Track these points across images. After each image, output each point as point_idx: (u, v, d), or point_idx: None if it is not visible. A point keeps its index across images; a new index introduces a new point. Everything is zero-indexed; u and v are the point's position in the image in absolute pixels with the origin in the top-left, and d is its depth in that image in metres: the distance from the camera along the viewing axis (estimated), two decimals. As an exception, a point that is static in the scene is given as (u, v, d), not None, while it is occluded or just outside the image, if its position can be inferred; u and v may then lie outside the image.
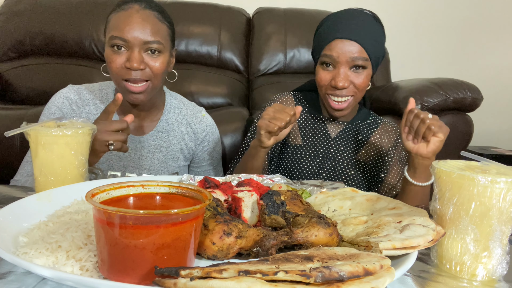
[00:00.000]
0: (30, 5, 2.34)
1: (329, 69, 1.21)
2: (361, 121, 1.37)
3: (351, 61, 1.18)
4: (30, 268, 0.49)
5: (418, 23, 2.82)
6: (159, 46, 1.13)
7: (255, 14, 2.58)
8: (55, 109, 1.24)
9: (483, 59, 2.86)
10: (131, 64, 1.09)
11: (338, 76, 1.18)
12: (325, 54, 1.21)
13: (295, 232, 0.62)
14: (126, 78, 1.12)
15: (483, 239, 0.61)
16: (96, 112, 1.27)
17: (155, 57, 1.13)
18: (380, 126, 1.37)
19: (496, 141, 2.78)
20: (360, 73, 1.20)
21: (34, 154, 0.86)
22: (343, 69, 1.19)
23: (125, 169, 1.25)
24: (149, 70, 1.13)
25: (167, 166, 1.31)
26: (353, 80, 1.20)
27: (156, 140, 1.30)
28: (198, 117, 1.37)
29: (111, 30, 1.11)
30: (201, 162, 1.40)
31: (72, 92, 1.27)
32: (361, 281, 0.46)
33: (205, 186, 0.83)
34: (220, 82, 2.38)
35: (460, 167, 0.65)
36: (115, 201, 0.57)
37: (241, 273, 0.45)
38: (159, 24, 1.14)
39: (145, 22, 1.11)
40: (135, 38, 1.09)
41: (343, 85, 1.19)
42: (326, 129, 1.34)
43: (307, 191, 0.90)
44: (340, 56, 1.18)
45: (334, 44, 1.19)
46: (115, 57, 1.11)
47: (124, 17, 1.11)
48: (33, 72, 2.27)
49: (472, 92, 1.83)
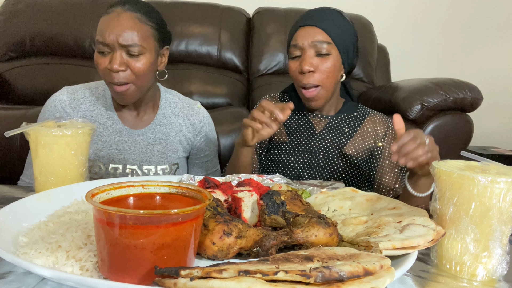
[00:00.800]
0: (30, 5, 2.34)
1: (297, 59, 1.25)
2: (347, 114, 1.37)
3: (314, 45, 1.21)
4: (30, 268, 0.49)
5: (418, 23, 2.82)
6: (138, 49, 1.15)
7: (255, 14, 2.58)
8: (48, 115, 1.27)
9: (483, 59, 2.86)
10: (111, 66, 1.13)
11: (303, 60, 1.22)
12: (291, 45, 1.25)
13: (295, 232, 0.62)
14: (109, 81, 1.17)
15: (483, 239, 0.61)
16: (92, 109, 1.29)
17: (136, 59, 1.16)
18: (367, 118, 1.36)
19: (496, 141, 2.78)
20: (325, 59, 1.22)
21: (34, 154, 0.86)
22: (308, 53, 1.22)
23: (126, 161, 1.28)
24: (129, 72, 1.16)
25: (167, 158, 1.34)
26: (318, 65, 1.22)
27: (154, 133, 1.33)
28: (195, 109, 1.41)
29: (97, 34, 1.16)
30: (199, 153, 1.43)
31: (65, 94, 1.29)
32: (361, 281, 0.46)
33: (205, 186, 0.83)
34: (220, 82, 2.38)
35: (460, 167, 0.65)
36: (115, 201, 0.57)
37: (241, 273, 0.45)
38: (138, 26, 1.15)
39: (122, 26, 1.13)
40: (113, 41, 1.13)
41: (308, 68, 1.21)
42: (311, 124, 1.35)
43: (307, 191, 0.90)
44: (304, 42, 1.22)
45: (297, 33, 1.24)
46: (100, 61, 1.16)
47: (106, 21, 1.14)
48: (33, 72, 2.27)
49: (472, 92, 1.83)
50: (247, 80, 2.51)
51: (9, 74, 2.26)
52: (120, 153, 1.28)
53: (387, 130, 1.34)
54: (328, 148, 1.30)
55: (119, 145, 1.28)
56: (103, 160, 1.26)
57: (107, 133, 1.28)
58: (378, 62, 2.56)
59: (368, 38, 2.50)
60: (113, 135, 1.28)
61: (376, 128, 1.34)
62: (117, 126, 1.29)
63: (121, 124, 1.29)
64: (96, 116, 1.28)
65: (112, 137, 1.28)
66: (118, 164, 1.27)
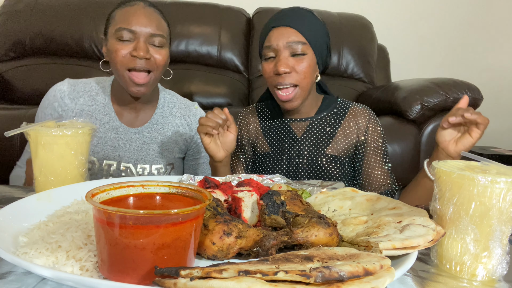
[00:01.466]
0: (30, 5, 2.34)
1: (271, 60, 1.23)
2: (327, 112, 1.33)
3: (288, 46, 1.20)
4: (30, 268, 0.49)
5: (418, 23, 2.82)
6: (162, 40, 1.20)
7: (255, 14, 2.58)
8: (47, 103, 1.29)
9: (483, 59, 2.86)
10: (138, 52, 1.15)
11: (278, 61, 1.20)
12: (265, 46, 1.23)
13: (295, 232, 0.62)
14: (130, 67, 1.17)
15: (483, 239, 0.61)
16: (91, 103, 1.30)
17: (159, 49, 1.20)
18: (348, 112, 1.33)
19: (496, 141, 2.78)
20: (300, 59, 1.21)
21: (34, 154, 0.86)
22: (283, 54, 1.20)
23: (120, 159, 1.28)
24: (153, 61, 1.19)
25: (163, 157, 1.34)
26: (294, 66, 1.20)
27: (151, 132, 1.34)
28: (192, 110, 1.42)
29: (118, 23, 1.17)
30: (196, 155, 1.43)
31: (66, 84, 1.31)
32: (361, 281, 0.46)
33: (205, 186, 0.83)
34: (220, 82, 2.38)
35: (460, 167, 0.65)
36: (115, 201, 0.57)
37: (241, 273, 0.45)
38: (161, 21, 1.22)
39: (151, 16, 1.19)
40: (142, 30, 1.16)
41: (284, 70, 1.19)
42: (291, 130, 1.32)
43: (307, 191, 0.90)
44: (278, 43, 1.20)
45: (271, 34, 1.22)
46: (120, 47, 1.17)
47: (131, 11, 1.18)
48: (33, 72, 2.27)
49: (472, 92, 1.83)
50: (247, 80, 2.51)
51: (9, 74, 2.26)
52: (115, 150, 1.28)
53: (368, 123, 1.30)
54: (311, 151, 1.28)
55: (115, 142, 1.28)
56: (98, 156, 1.26)
57: (104, 130, 1.28)
58: (378, 62, 2.57)
59: (368, 38, 2.50)
60: (109, 132, 1.28)
61: (358, 121, 1.30)
62: (114, 123, 1.29)
63: (118, 121, 1.30)
64: (94, 112, 1.29)
65: (108, 134, 1.28)
66: (113, 161, 1.27)
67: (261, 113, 1.40)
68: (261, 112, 1.40)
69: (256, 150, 1.35)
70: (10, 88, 2.24)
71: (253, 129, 1.37)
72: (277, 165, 1.29)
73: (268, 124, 1.36)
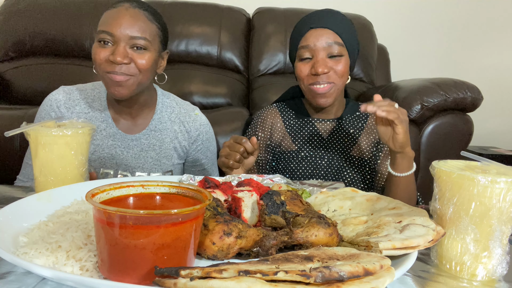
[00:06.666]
0: (30, 5, 2.34)
1: (307, 61, 1.24)
2: (350, 114, 1.37)
3: (327, 47, 1.21)
4: (30, 268, 0.49)
5: (418, 23, 2.82)
6: (145, 43, 1.14)
7: (255, 14, 2.58)
8: (44, 113, 1.26)
9: (483, 59, 2.86)
10: (114, 57, 1.10)
11: (317, 62, 1.21)
12: (301, 46, 1.24)
13: (295, 232, 0.62)
14: (108, 71, 1.13)
15: (483, 239, 0.61)
16: (88, 111, 1.27)
17: (141, 53, 1.15)
18: (370, 116, 1.37)
19: (496, 141, 2.78)
20: (338, 60, 1.23)
21: (34, 154, 0.86)
22: (321, 55, 1.22)
23: (117, 167, 1.25)
24: (134, 66, 1.14)
25: (161, 164, 1.31)
26: (332, 66, 1.22)
27: (149, 138, 1.30)
28: (192, 116, 1.37)
29: (100, 25, 1.14)
30: (195, 162, 1.40)
31: (61, 93, 1.28)
32: (361, 281, 0.46)
33: (205, 186, 0.83)
34: (220, 82, 2.38)
35: (460, 167, 0.65)
36: (115, 201, 0.57)
37: (241, 273, 0.45)
38: (147, 23, 1.16)
39: (132, 18, 1.13)
40: (121, 33, 1.11)
41: (323, 70, 1.20)
42: (317, 130, 1.34)
43: (307, 191, 0.90)
44: (316, 44, 1.21)
45: (308, 34, 1.23)
46: (99, 50, 1.13)
47: (113, 13, 1.14)
48: (33, 72, 2.27)
49: (472, 92, 1.83)
50: (247, 80, 2.51)
51: (9, 74, 2.26)
52: (112, 157, 1.25)
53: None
54: (335, 153, 1.29)
55: (112, 149, 1.25)
56: (94, 164, 1.23)
57: (100, 137, 1.25)
58: (378, 62, 2.57)
59: (368, 38, 2.50)
60: (106, 139, 1.25)
61: None
62: (111, 130, 1.26)
63: (115, 127, 1.26)
64: (91, 119, 1.26)
65: (105, 141, 1.25)
66: (110, 169, 1.24)
67: (284, 113, 1.41)
68: (284, 112, 1.41)
69: (280, 146, 1.36)
70: (10, 88, 2.25)
71: (278, 129, 1.38)
72: (301, 162, 1.29)
73: (293, 123, 1.37)
